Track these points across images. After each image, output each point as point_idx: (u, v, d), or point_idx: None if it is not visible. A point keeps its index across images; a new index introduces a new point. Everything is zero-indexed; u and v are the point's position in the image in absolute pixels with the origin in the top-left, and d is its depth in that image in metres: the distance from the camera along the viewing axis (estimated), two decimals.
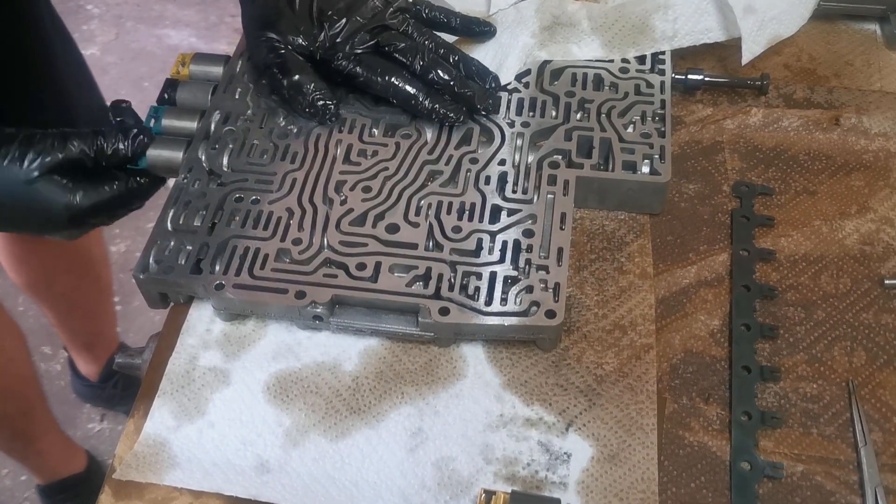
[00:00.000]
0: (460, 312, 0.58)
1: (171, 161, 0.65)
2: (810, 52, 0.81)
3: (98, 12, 2.35)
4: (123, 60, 2.21)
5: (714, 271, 0.65)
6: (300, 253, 0.61)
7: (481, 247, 0.62)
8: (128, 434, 0.58)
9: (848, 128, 0.74)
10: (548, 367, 0.60)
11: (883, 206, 0.69)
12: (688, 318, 0.63)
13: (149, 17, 2.34)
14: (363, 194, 0.65)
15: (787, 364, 0.60)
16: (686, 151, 0.73)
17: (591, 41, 0.74)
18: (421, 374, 0.60)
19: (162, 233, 0.63)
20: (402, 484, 0.55)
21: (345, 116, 0.70)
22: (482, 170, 0.66)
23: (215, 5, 2.37)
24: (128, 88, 2.12)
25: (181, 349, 0.61)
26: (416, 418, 0.58)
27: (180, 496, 0.55)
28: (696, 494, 0.54)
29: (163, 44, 2.26)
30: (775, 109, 0.76)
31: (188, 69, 0.75)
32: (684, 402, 0.58)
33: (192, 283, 0.60)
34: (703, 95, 0.78)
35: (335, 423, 0.58)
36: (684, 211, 0.69)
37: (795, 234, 0.67)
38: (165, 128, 0.71)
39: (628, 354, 0.60)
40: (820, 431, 0.57)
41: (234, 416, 0.58)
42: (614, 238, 0.67)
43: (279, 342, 0.62)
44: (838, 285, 0.64)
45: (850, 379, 0.59)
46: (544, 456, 0.56)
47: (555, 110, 0.70)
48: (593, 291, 0.64)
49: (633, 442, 0.56)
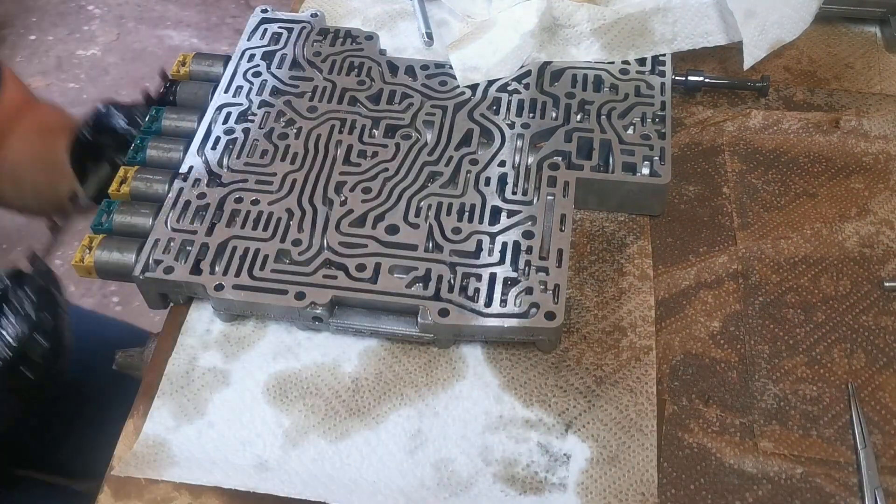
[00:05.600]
0: (460, 314, 0.58)
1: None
2: (810, 54, 0.82)
3: (99, 13, 2.35)
4: (124, 61, 2.22)
5: (714, 273, 0.65)
6: (300, 254, 0.61)
7: (481, 248, 0.62)
8: (127, 434, 0.58)
9: (848, 130, 0.74)
10: (547, 369, 0.60)
11: (883, 208, 0.69)
12: (687, 319, 0.63)
13: (150, 18, 2.34)
14: (363, 195, 0.65)
15: (786, 366, 0.60)
16: (686, 153, 0.73)
17: (591, 43, 0.74)
18: (420, 376, 0.60)
19: (162, 233, 0.63)
20: (402, 483, 0.55)
21: (345, 117, 0.70)
22: (482, 171, 0.66)
23: (216, 6, 2.37)
24: (129, 89, 2.12)
25: (181, 350, 0.61)
26: (415, 420, 0.58)
27: (179, 496, 0.55)
28: (695, 496, 0.54)
29: (164, 44, 2.26)
30: (775, 112, 0.76)
31: (188, 68, 0.76)
32: (684, 404, 0.58)
33: (191, 284, 0.60)
34: (703, 97, 0.78)
35: (334, 424, 0.58)
36: (684, 213, 0.69)
37: (795, 237, 0.67)
38: (165, 127, 0.71)
39: (628, 356, 0.60)
40: (820, 433, 0.57)
41: (234, 417, 0.58)
42: (614, 240, 0.67)
43: (279, 343, 0.62)
44: (838, 287, 0.64)
45: (850, 381, 0.59)
46: (543, 457, 0.56)
47: (555, 112, 0.70)
48: (593, 293, 0.64)
49: (632, 443, 0.56)
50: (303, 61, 0.75)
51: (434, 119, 0.70)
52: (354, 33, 0.78)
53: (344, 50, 0.76)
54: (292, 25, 0.78)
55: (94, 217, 0.65)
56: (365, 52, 0.76)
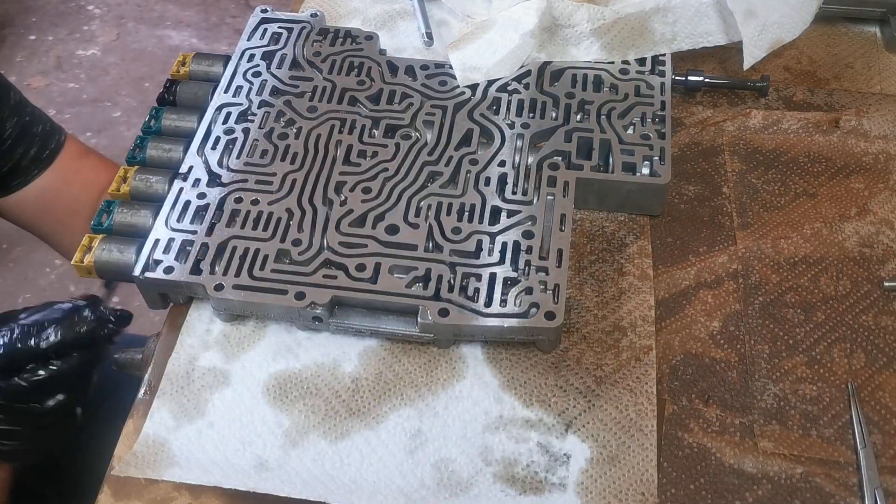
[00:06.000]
0: (460, 314, 0.58)
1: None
2: (810, 54, 0.82)
3: (99, 13, 2.35)
4: (124, 61, 2.21)
5: (714, 273, 0.65)
6: (300, 254, 0.61)
7: (481, 248, 0.62)
8: (127, 434, 0.58)
9: (848, 130, 0.74)
10: (547, 369, 0.60)
11: (883, 208, 0.69)
12: (687, 319, 0.63)
13: (150, 18, 2.34)
14: (363, 195, 0.65)
15: (786, 366, 0.60)
16: (686, 153, 0.73)
17: (591, 43, 0.74)
18: (420, 376, 0.60)
19: (162, 233, 0.63)
20: (402, 483, 0.55)
21: (345, 117, 0.70)
22: (482, 171, 0.66)
23: (216, 6, 2.37)
24: (128, 89, 2.12)
25: (181, 350, 0.61)
26: (415, 420, 0.58)
27: (179, 496, 0.55)
28: (695, 496, 0.54)
29: (164, 44, 2.26)
30: (775, 111, 0.76)
31: (188, 68, 0.76)
32: (684, 404, 0.58)
33: (191, 284, 0.60)
34: (703, 97, 0.78)
35: (334, 424, 0.58)
36: (684, 212, 0.69)
37: (795, 237, 0.67)
38: (165, 127, 0.71)
39: (628, 356, 0.60)
40: (819, 433, 0.57)
41: (234, 417, 0.58)
42: (614, 239, 0.67)
43: (279, 343, 0.62)
44: (838, 287, 0.64)
45: (850, 381, 0.59)
46: (543, 457, 0.56)
47: (555, 111, 0.70)
48: (593, 293, 0.64)
49: (632, 443, 0.56)
50: (303, 61, 0.75)
51: (434, 119, 0.70)
52: (354, 33, 0.78)
53: (344, 50, 0.76)
54: (292, 25, 0.78)
55: (94, 217, 0.65)
56: (365, 52, 0.76)
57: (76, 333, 0.62)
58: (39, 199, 0.85)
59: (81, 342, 0.63)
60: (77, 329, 0.62)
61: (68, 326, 0.62)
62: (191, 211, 0.64)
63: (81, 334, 0.62)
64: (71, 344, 0.62)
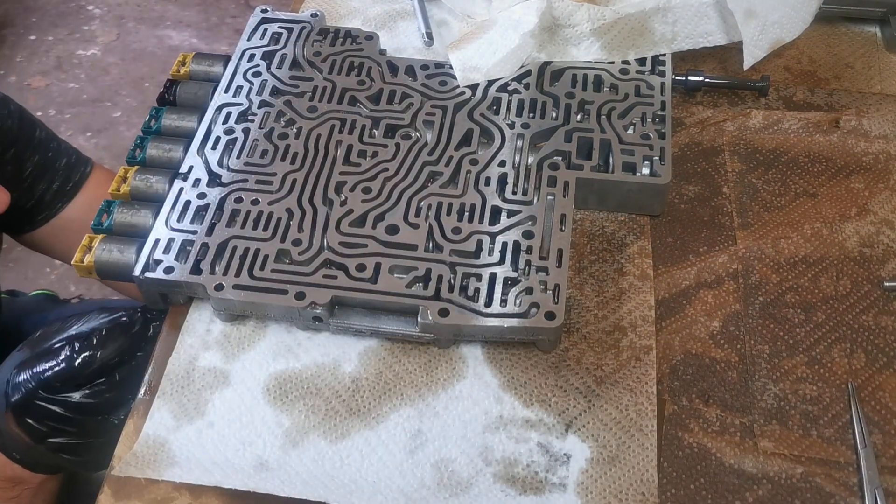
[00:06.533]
0: (460, 314, 0.58)
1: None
2: (810, 54, 0.82)
3: (99, 13, 2.35)
4: (124, 61, 2.22)
5: (714, 273, 0.65)
6: (300, 254, 0.61)
7: (481, 248, 0.62)
8: (127, 434, 0.58)
9: (848, 130, 0.74)
10: (547, 369, 0.60)
11: (883, 208, 0.69)
12: (687, 319, 0.63)
13: (150, 18, 2.34)
14: (363, 195, 0.65)
15: (786, 366, 0.60)
16: (686, 153, 0.73)
17: (591, 43, 0.74)
18: (420, 376, 0.60)
19: (162, 233, 0.63)
20: (402, 483, 0.55)
21: (345, 117, 0.70)
22: (482, 171, 0.66)
23: (216, 6, 2.37)
24: (128, 89, 2.12)
25: (181, 349, 0.61)
26: (415, 419, 0.58)
27: (179, 496, 0.55)
28: (695, 496, 0.54)
29: (164, 44, 2.26)
30: (775, 111, 0.76)
31: (188, 68, 0.76)
32: (684, 404, 0.58)
33: (191, 284, 0.60)
34: (703, 97, 0.78)
35: (335, 424, 0.58)
36: (684, 213, 0.69)
37: (795, 237, 0.67)
38: (166, 127, 0.71)
39: (628, 356, 0.60)
40: (820, 433, 0.57)
41: (234, 417, 0.58)
42: (614, 239, 0.67)
43: (279, 343, 0.62)
44: (838, 287, 0.64)
45: (850, 381, 0.59)
46: (543, 457, 0.56)
47: (555, 111, 0.70)
48: (593, 293, 0.64)
49: (632, 443, 0.56)
50: (303, 61, 0.75)
51: (434, 119, 0.70)
52: (354, 33, 0.78)
53: (344, 50, 0.76)
54: (292, 25, 0.78)
55: (94, 217, 0.65)
56: (365, 52, 0.76)
57: (130, 345, 0.67)
58: (67, 230, 0.86)
59: (137, 350, 0.67)
60: (131, 341, 0.67)
61: (124, 338, 0.67)
62: (191, 211, 0.64)
63: (136, 343, 0.67)
64: (128, 352, 0.67)
